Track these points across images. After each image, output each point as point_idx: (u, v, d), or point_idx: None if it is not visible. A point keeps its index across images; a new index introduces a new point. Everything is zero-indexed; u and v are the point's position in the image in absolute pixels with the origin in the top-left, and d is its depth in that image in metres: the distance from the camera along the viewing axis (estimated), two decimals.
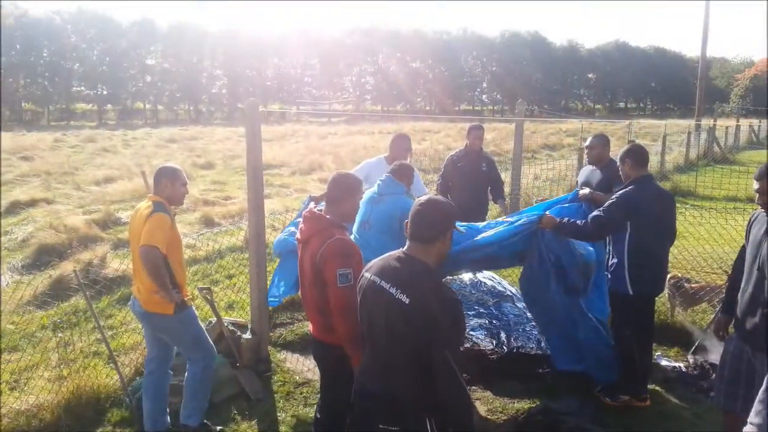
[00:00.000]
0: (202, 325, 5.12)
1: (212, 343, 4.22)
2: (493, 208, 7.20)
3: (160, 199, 3.85)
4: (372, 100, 74.23)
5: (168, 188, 3.89)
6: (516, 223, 4.34)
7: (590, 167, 5.50)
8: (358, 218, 4.57)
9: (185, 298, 3.90)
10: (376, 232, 4.49)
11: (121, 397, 4.52)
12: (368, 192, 4.71)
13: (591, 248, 4.75)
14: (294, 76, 68.75)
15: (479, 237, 4.37)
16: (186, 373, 4.10)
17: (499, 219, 4.59)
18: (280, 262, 5.33)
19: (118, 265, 7.31)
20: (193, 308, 4.08)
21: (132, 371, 4.83)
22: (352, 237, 4.42)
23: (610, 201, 4.29)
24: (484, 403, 4.55)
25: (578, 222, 4.32)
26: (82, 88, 58.89)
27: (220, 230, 9.06)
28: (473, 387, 4.71)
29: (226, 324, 4.96)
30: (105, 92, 58.23)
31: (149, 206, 3.79)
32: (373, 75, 72.98)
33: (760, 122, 35.34)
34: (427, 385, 2.40)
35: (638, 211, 4.19)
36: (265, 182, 5.33)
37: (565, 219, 4.36)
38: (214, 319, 5.01)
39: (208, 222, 10.53)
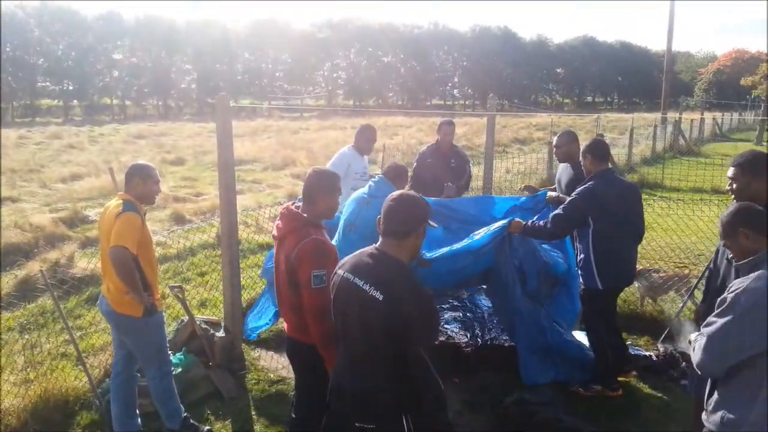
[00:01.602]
0: (174, 324, 5.08)
1: (180, 344, 4.14)
2: None
3: (130, 198, 3.76)
4: (344, 95, 74.00)
5: (140, 186, 3.80)
6: (491, 230, 4.37)
7: (565, 164, 5.54)
8: (344, 218, 4.51)
9: (156, 301, 3.82)
10: (361, 236, 4.33)
11: (90, 399, 4.42)
12: (359, 191, 4.67)
13: (561, 260, 4.82)
14: (265, 70, 68.10)
15: (456, 246, 4.36)
16: (147, 384, 4.02)
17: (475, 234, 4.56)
18: (266, 290, 5.16)
19: (86, 264, 7.16)
20: (163, 315, 4.00)
21: (101, 373, 4.73)
22: (336, 238, 4.38)
23: (571, 198, 4.37)
24: (460, 396, 4.57)
25: (541, 222, 4.39)
26: (47, 83, 57.34)
27: (192, 227, 8.94)
28: (448, 380, 4.72)
29: (198, 322, 4.90)
30: (71, 88, 56.81)
31: (119, 205, 3.69)
32: (345, 70, 72.73)
33: (723, 115, 36.27)
34: (401, 381, 2.39)
35: (599, 205, 4.25)
36: (237, 178, 5.26)
37: (530, 222, 4.44)
38: (186, 318, 4.94)
39: (179, 219, 10.38)
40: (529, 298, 4.45)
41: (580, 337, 4.88)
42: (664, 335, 5.34)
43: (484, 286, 5.91)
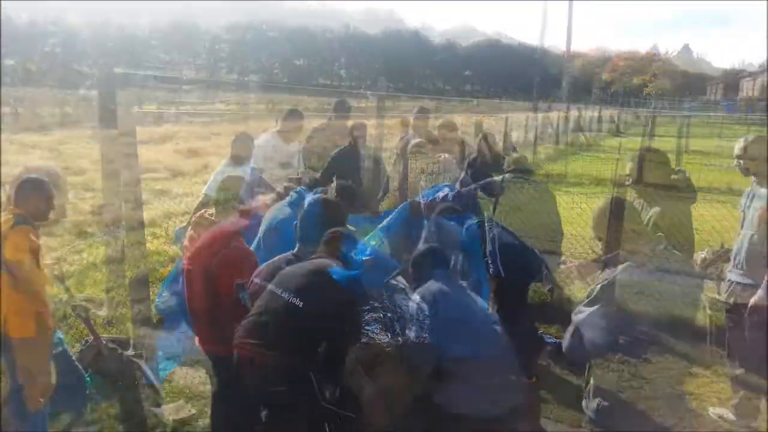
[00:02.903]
0: (78, 345, 4.78)
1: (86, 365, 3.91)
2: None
3: (21, 212, 3.48)
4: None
5: (32, 202, 3.52)
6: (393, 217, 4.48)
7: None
8: (264, 225, 4.42)
9: (49, 323, 3.54)
10: (282, 240, 4.34)
11: None
12: (279, 203, 4.61)
13: (461, 229, 4.97)
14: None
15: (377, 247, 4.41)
16: None
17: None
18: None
19: None
20: (60, 332, 3.73)
21: None
22: (254, 244, 4.28)
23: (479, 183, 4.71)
24: (384, 396, 4.57)
25: (440, 194, 4.60)
26: None
27: (94, 241, 8.44)
28: (371, 381, 4.72)
29: (105, 342, 4.64)
30: None
31: (9, 219, 3.41)
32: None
33: (618, 113, 38.81)
34: (324, 385, 2.37)
35: (501, 194, 4.44)
36: (143, 187, 5.03)
37: (429, 198, 4.62)
38: (91, 338, 4.66)
39: (81, 233, 9.78)
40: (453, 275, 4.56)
41: None
42: None
43: (402, 287, 5.98)
